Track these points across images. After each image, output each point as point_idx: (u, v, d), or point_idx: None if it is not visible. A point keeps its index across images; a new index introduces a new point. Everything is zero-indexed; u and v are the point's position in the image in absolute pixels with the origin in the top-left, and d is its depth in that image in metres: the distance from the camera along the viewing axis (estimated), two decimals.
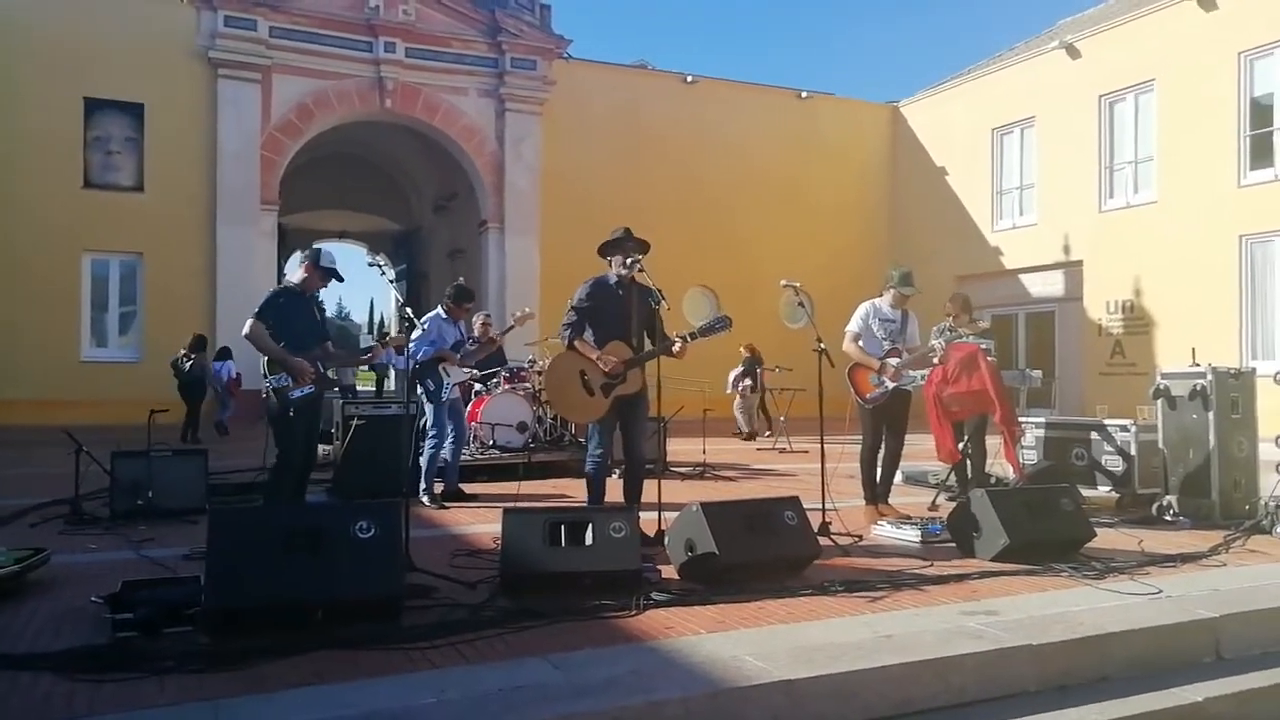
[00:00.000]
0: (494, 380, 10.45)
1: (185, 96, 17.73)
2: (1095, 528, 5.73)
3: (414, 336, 7.55)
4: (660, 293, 5.79)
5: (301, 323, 5.91)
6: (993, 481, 7.66)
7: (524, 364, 11.13)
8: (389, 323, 35.44)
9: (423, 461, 7.67)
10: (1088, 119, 18.72)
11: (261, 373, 5.81)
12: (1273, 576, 5.05)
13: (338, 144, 21.85)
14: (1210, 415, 6.88)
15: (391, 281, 6.05)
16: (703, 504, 4.84)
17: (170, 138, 17.61)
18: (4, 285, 16.41)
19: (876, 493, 6.92)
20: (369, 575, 3.99)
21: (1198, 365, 7.10)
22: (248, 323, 5.76)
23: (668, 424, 9.07)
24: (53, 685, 3.23)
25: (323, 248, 6.22)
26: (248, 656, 3.46)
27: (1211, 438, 6.86)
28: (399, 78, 19.08)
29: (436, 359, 7.67)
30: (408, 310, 5.94)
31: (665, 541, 5.14)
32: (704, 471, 9.92)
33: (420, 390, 7.61)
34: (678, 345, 5.67)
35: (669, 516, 5.29)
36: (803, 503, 5.17)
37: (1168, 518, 6.90)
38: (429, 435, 7.69)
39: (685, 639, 3.80)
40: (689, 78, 22.25)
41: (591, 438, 5.95)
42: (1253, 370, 7.35)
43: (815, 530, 5.36)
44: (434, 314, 8.00)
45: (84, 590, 4.40)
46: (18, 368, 16.08)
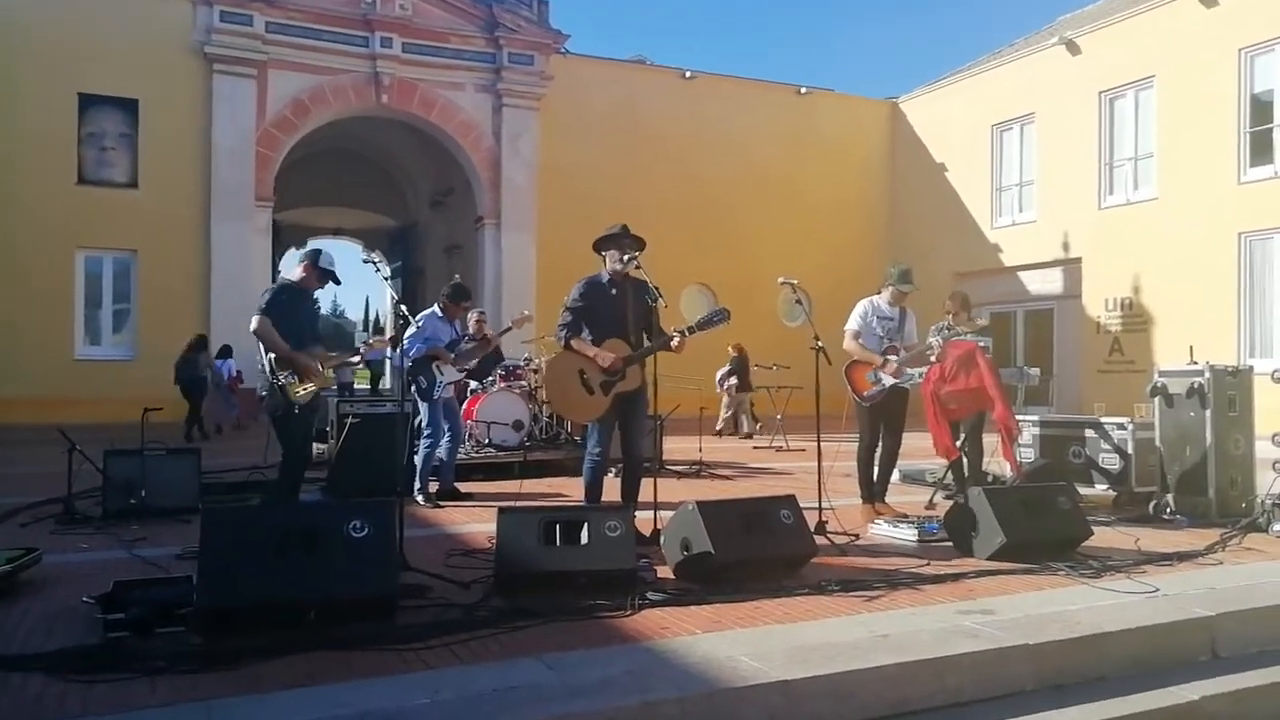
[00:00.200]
0: (490, 380, 10.44)
1: (180, 92, 17.67)
2: (1092, 526, 5.72)
3: (408, 334, 7.53)
4: (658, 290, 5.76)
5: (300, 320, 5.90)
6: (990, 480, 7.65)
7: (520, 362, 11.13)
8: (385, 320, 35.41)
9: (418, 460, 7.65)
10: (1087, 115, 18.71)
11: (261, 369, 5.78)
12: (1269, 575, 5.04)
13: (333, 140, 21.81)
14: (1207, 413, 6.87)
15: (387, 278, 6.03)
16: (699, 503, 4.82)
17: (165, 134, 17.55)
18: None
19: (873, 491, 6.92)
20: (363, 575, 3.97)
21: (1195, 363, 7.09)
22: (255, 318, 5.73)
23: (664, 422, 9.06)
24: (44, 686, 3.21)
25: (323, 249, 6.18)
26: (241, 656, 3.44)
27: (1208, 436, 6.85)
28: (395, 73, 19.04)
29: (430, 356, 7.64)
30: (403, 307, 5.90)
31: (661, 541, 5.12)
32: (700, 470, 9.89)
33: (413, 388, 7.59)
34: (676, 340, 5.64)
35: (665, 515, 5.27)
36: (799, 501, 5.16)
37: (1165, 516, 6.89)
38: (424, 434, 7.67)
39: (681, 639, 3.78)
40: (687, 73, 22.23)
41: (591, 436, 5.92)
42: (1250, 368, 7.34)
43: (812, 529, 5.34)
44: (429, 312, 7.98)
45: (76, 590, 4.38)
46: (11, 365, 16.03)
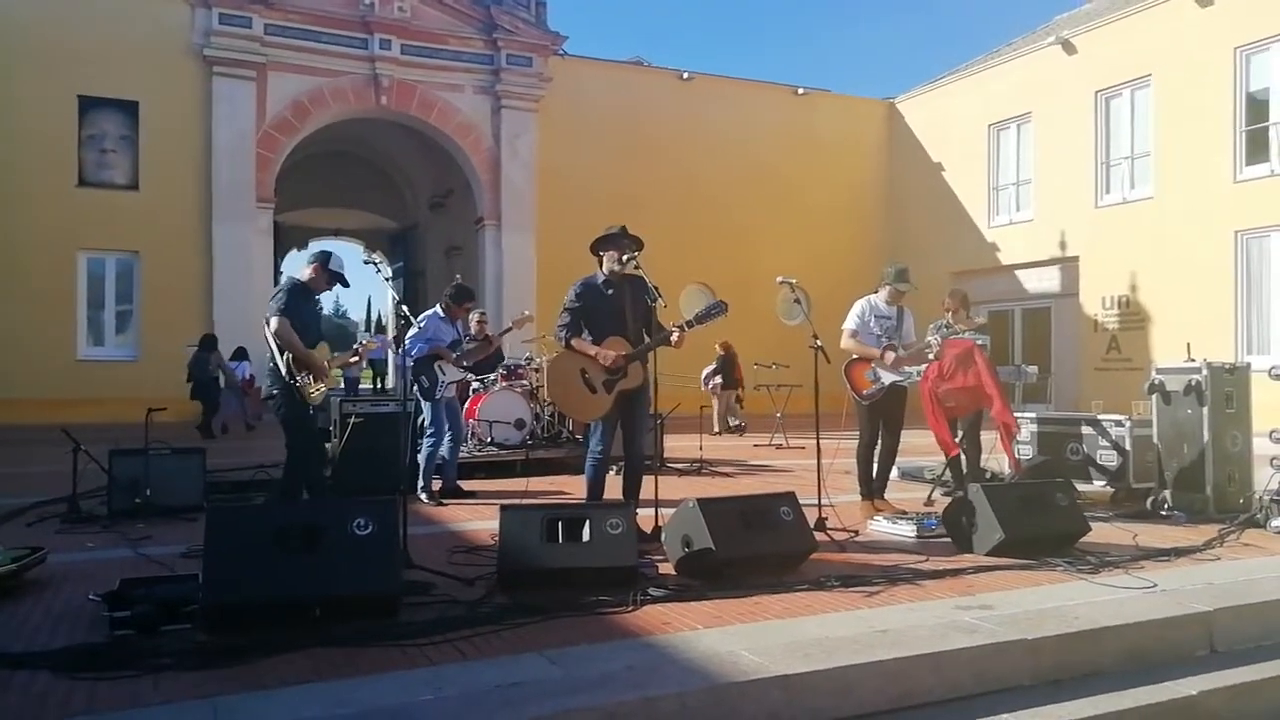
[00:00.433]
0: (492, 379, 10.47)
1: (180, 94, 17.69)
2: (1090, 522, 5.75)
3: (410, 334, 7.56)
4: (657, 289, 5.78)
5: (306, 321, 5.95)
6: (988, 476, 7.68)
7: (521, 361, 11.16)
8: (386, 320, 35.42)
9: (420, 459, 7.68)
10: (1084, 115, 18.73)
11: (273, 369, 5.80)
12: (1266, 570, 5.07)
13: (333, 141, 21.83)
14: (1205, 410, 6.89)
15: (388, 279, 6.06)
16: (699, 500, 4.85)
17: (165, 135, 17.57)
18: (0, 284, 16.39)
19: (873, 488, 6.96)
20: (367, 572, 3.99)
21: (1193, 360, 7.11)
22: (274, 320, 5.77)
23: (665, 420, 9.09)
24: (50, 684, 3.23)
25: (333, 252, 6.25)
26: (245, 654, 3.46)
27: (1206, 432, 6.87)
28: (394, 75, 19.06)
29: (432, 356, 7.68)
30: (404, 307, 5.94)
31: (662, 537, 5.15)
32: (701, 468, 9.92)
33: (415, 387, 7.62)
34: (675, 335, 5.65)
35: (666, 513, 5.30)
36: (799, 498, 5.19)
37: (1162, 512, 6.92)
38: (427, 433, 7.71)
39: (682, 634, 3.81)
40: (685, 74, 22.23)
41: (593, 434, 5.94)
42: (1247, 365, 7.36)
43: (811, 526, 5.37)
44: (431, 312, 8.01)
45: (81, 588, 4.41)
46: (14, 367, 16.05)
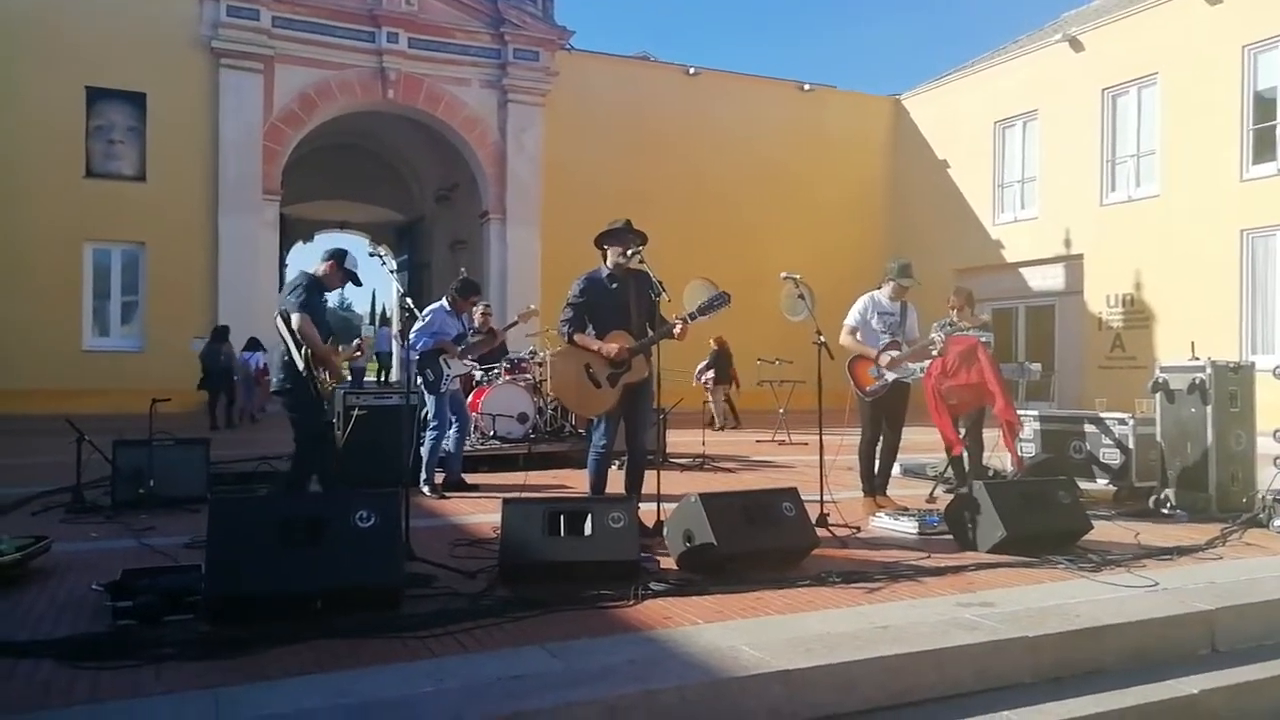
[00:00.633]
0: (495, 372, 10.48)
1: (187, 86, 17.73)
2: (1092, 520, 5.75)
3: (415, 328, 7.58)
4: (660, 284, 5.77)
5: (319, 316, 5.98)
6: (990, 474, 7.67)
7: (525, 355, 11.17)
8: (391, 314, 35.48)
9: (424, 452, 7.69)
10: (1090, 112, 18.68)
11: (287, 363, 5.82)
12: (1268, 570, 5.06)
13: (340, 134, 21.84)
14: (1208, 409, 6.88)
15: (393, 272, 6.08)
16: (701, 495, 4.85)
17: (172, 127, 17.62)
18: (6, 275, 16.45)
19: (875, 484, 6.96)
20: (369, 564, 4.00)
21: (1197, 359, 7.10)
22: (294, 316, 5.78)
23: (667, 415, 9.10)
24: (53, 672, 3.24)
25: (349, 251, 6.27)
26: (248, 645, 3.48)
27: (1209, 431, 6.86)
28: (401, 68, 19.07)
29: (437, 350, 7.69)
30: (408, 300, 5.95)
31: (664, 532, 5.15)
32: (703, 463, 9.92)
33: (419, 381, 7.63)
34: (678, 327, 5.62)
35: (668, 507, 5.31)
36: (801, 494, 5.19)
37: (1165, 511, 6.91)
38: (430, 426, 7.72)
39: (683, 629, 3.81)
40: (691, 69, 22.21)
41: (596, 428, 5.93)
42: (1251, 364, 7.34)
43: (813, 522, 5.37)
44: (437, 305, 8.01)
45: (85, 578, 4.43)
46: (20, 357, 16.11)
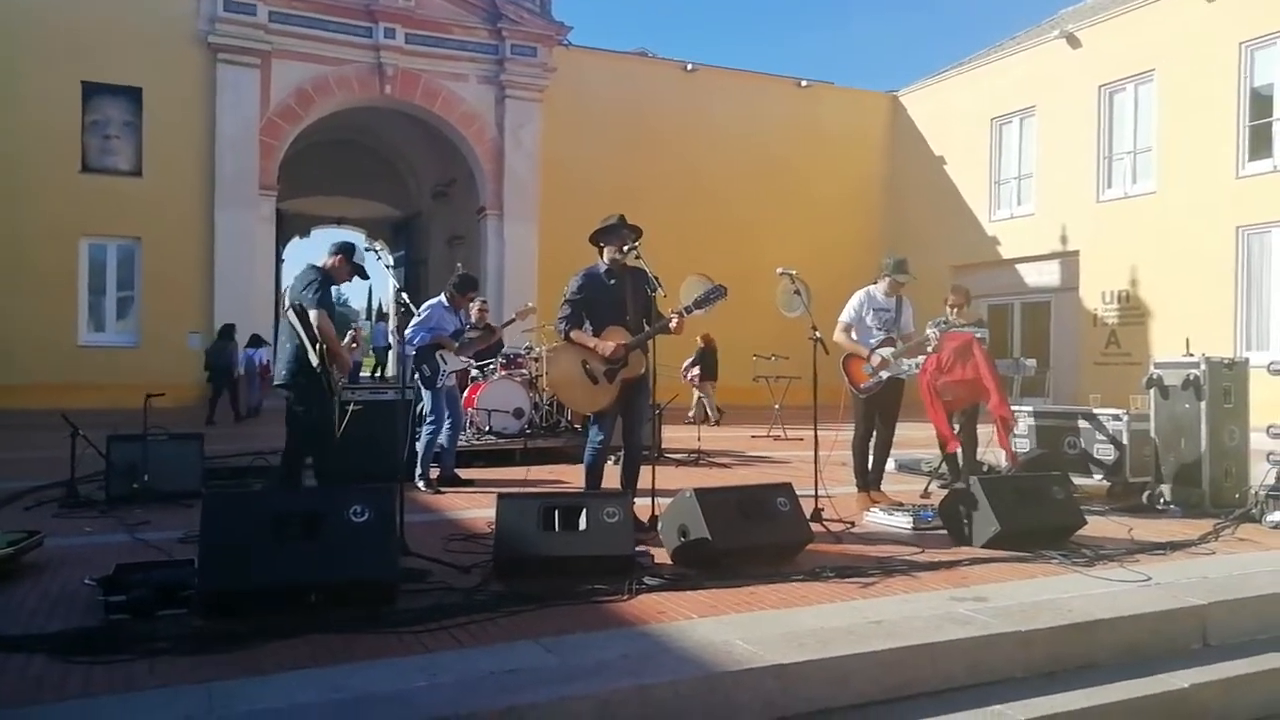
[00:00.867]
0: (490, 367, 10.48)
1: (184, 81, 17.66)
2: (1086, 516, 5.77)
3: (413, 323, 7.58)
4: (657, 279, 5.78)
5: (333, 311, 6.03)
6: (985, 469, 7.69)
7: (521, 351, 11.17)
8: (387, 309, 35.43)
9: (419, 447, 7.69)
10: (1087, 109, 18.68)
11: (296, 357, 5.82)
12: (1261, 565, 5.08)
13: (337, 130, 21.79)
14: (1202, 405, 6.90)
15: (389, 266, 6.09)
16: (696, 490, 4.86)
17: (169, 122, 17.56)
18: (1, 270, 16.39)
19: (869, 480, 6.97)
20: (363, 559, 4.00)
21: (1191, 355, 7.12)
22: (312, 313, 5.83)
23: (662, 411, 9.10)
24: (46, 667, 3.24)
25: (357, 245, 6.31)
26: (242, 639, 3.48)
27: (1203, 427, 6.88)
28: (399, 64, 19.01)
29: (434, 345, 7.69)
30: (404, 296, 5.94)
31: (659, 527, 5.16)
32: (698, 458, 9.94)
33: (416, 376, 7.63)
34: (675, 321, 5.62)
35: (663, 502, 5.31)
36: (795, 489, 5.21)
37: (1159, 506, 6.93)
38: (427, 421, 7.72)
39: (677, 623, 3.82)
40: (689, 66, 22.18)
41: (593, 423, 5.94)
42: (1245, 360, 7.35)
43: (808, 517, 5.38)
44: (435, 301, 8.01)
45: (78, 573, 4.43)
46: (15, 352, 16.08)
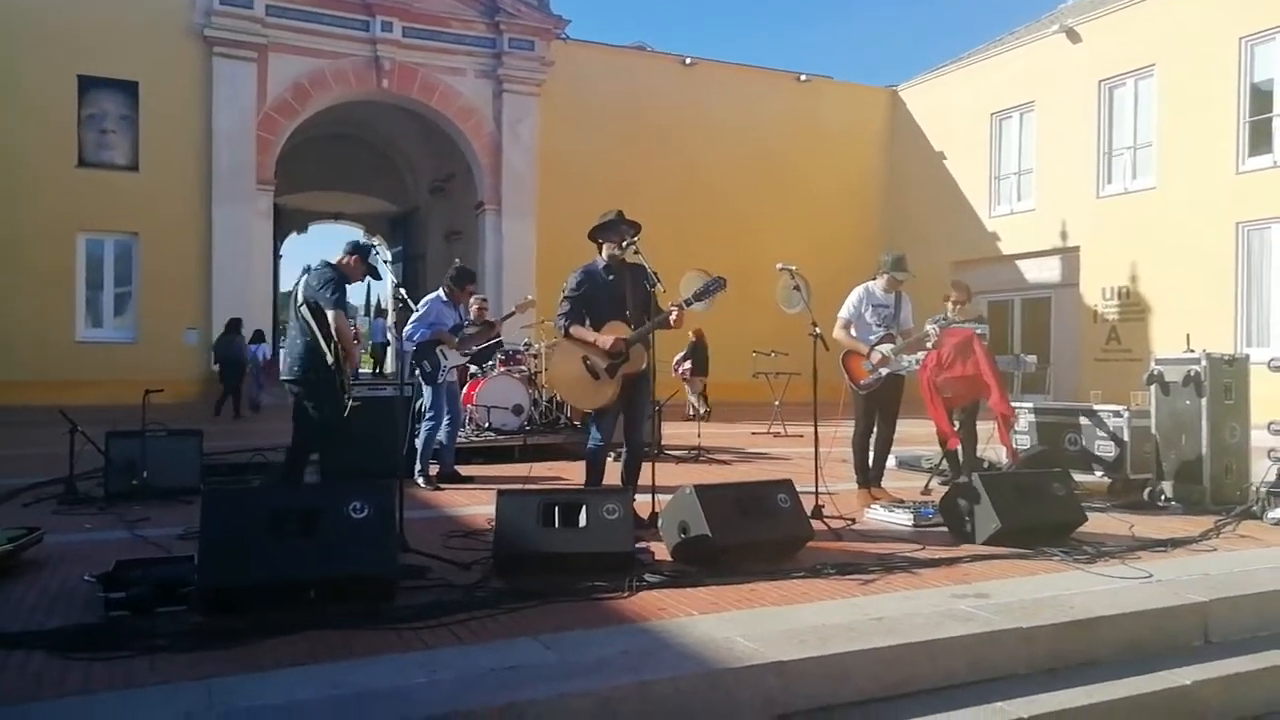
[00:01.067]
0: (490, 364, 10.46)
1: (180, 75, 17.63)
2: (1087, 512, 5.75)
3: (412, 319, 7.56)
4: (656, 275, 5.76)
5: (347, 311, 6.05)
6: (985, 466, 7.68)
7: (520, 347, 11.15)
8: (386, 305, 35.45)
9: (418, 443, 7.68)
10: (1087, 104, 18.68)
11: (315, 356, 5.82)
12: (1262, 562, 5.08)
13: (334, 124, 21.74)
14: (1203, 401, 6.89)
15: (387, 262, 6.08)
16: (696, 486, 4.85)
17: (165, 116, 17.53)
18: None
19: (869, 477, 6.95)
20: (363, 555, 3.99)
21: (1192, 351, 7.11)
22: (330, 313, 5.84)
23: (662, 408, 9.09)
24: (45, 663, 3.23)
25: (373, 246, 6.31)
26: (241, 635, 3.47)
27: (1204, 424, 6.87)
28: (396, 57, 18.98)
29: (434, 341, 7.67)
30: (402, 291, 5.93)
31: (659, 524, 5.15)
32: (698, 455, 9.93)
33: (417, 372, 7.62)
34: (674, 314, 5.60)
35: (663, 499, 5.30)
36: (796, 486, 5.20)
37: (1159, 503, 6.92)
38: (426, 417, 7.70)
39: (677, 620, 3.81)
40: (688, 60, 22.17)
41: (594, 420, 5.92)
42: (1246, 356, 7.34)
43: (808, 513, 5.38)
44: (434, 296, 7.98)
45: (78, 569, 4.42)
46: (12, 348, 16.06)
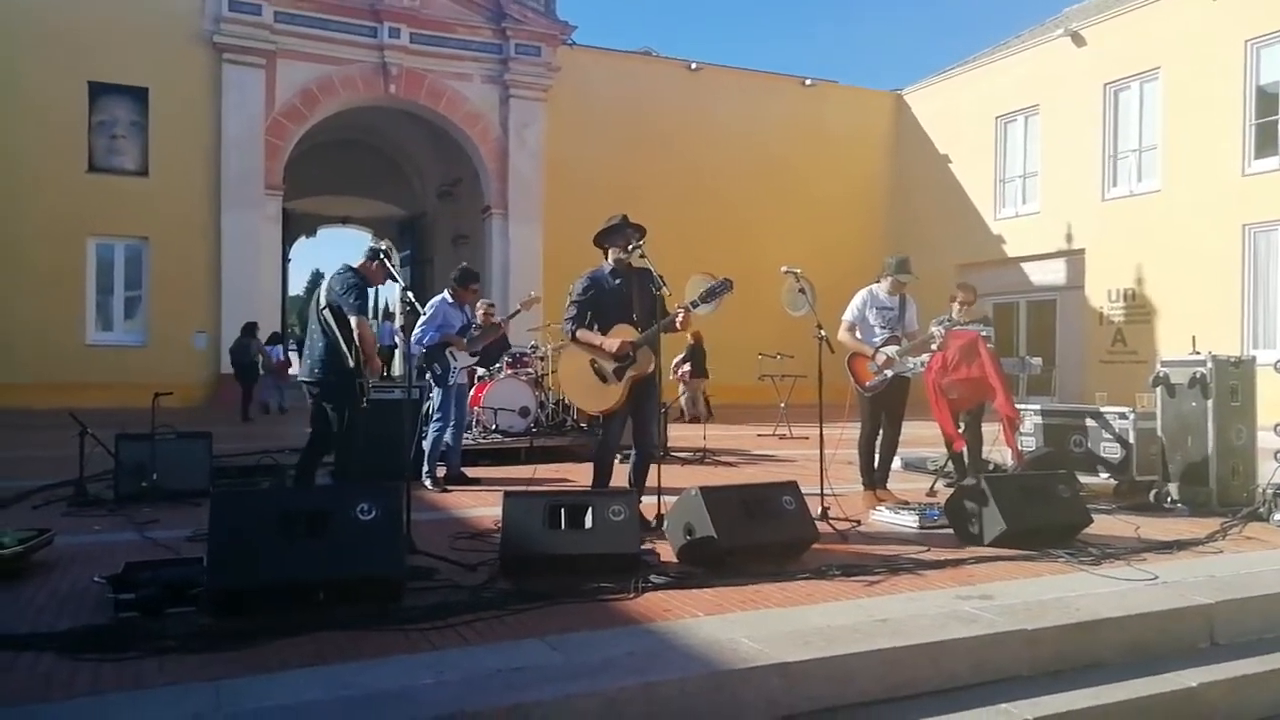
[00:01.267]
0: (497, 367, 10.49)
1: (190, 81, 17.74)
2: (1093, 514, 5.74)
3: (420, 322, 7.58)
4: (662, 279, 5.78)
5: (368, 316, 6.07)
6: (991, 468, 7.68)
7: (527, 350, 11.18)
8: (393, 309, 35.50)
9: (425, 445, 7.70)
10: (1092, 107, 18.65)
11: (336, 359, 5.86)
12: (1268, 564, 5.07)
13: (342, 129, 21.84)
14: (1209, 403, 6.88)
15: (395, 267, 6.10)
16: (702, 488, 4.86)
17: (175, 122, 17.63)
18: (9, 269, 16.47)
19: (875, 478, 6.95)
20: (371, 557, 4.00)
21: (1198, 353, 7.10)
22: (353, 319, 5.85)
23: (668, 410, 9.10)
24: (55, 665, 3.25)
25: (391, 251, 6.35)
26: (249, 637, 3.49)
27: (1210, 426, 6.86)
28: (403, 63, 19.06)
29: (443, 343, 7.70)
30: (409, 295, 5.96)
31: (665, 525, 5.17)
32: (704, 456, 9.94)
33: (428, 374, 7.64)
34: (680, 317, 5.63)
35: (669, 500, 5.31)
36: (801, 488, 5.20)
37: (1165, 505, 6.92)
38: (434, 419, 7.73)
39: (683, 621, 3.82)
40: (693, 65, 22.19)
41: (603, 423, 5.96)
42: (1252, 358, 7.33)
43: (814, 515, 5.38)
44: (440, 298, 8.01)
45: (87, 571, 4.44)
46: (23, 351, 16.16)
